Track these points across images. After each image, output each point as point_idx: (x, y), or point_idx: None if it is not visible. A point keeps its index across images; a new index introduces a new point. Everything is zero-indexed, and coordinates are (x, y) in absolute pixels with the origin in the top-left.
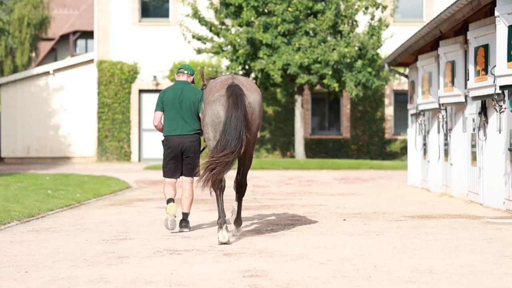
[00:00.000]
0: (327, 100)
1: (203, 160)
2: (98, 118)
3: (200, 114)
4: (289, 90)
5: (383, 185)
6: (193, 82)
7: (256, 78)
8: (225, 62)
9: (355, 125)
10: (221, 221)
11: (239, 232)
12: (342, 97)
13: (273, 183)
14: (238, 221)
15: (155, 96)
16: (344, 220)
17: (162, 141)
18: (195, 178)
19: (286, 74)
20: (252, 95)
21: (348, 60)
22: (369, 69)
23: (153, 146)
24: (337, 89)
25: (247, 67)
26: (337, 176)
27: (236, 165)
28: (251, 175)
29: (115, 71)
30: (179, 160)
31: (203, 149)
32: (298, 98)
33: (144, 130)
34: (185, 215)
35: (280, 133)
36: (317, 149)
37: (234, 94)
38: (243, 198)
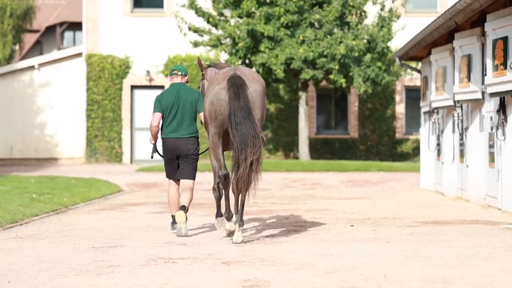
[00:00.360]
0: (334, 97)
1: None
2: (87, 116)
3: (200, 114)
4: (292, 86)
5: (393, 188)
6: (187, 82)
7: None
8: (223, 56)
9: (363, 124)
10: (229, 215)
11: (240, 239)
12: (349, 93)
13: (275, 186)
14: (240, 221)
15: (148, 92)
16: (352, 226)
17: (156, 142)
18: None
19: (289, 69)
20: (254, 85)
21: (356, 54)
22: (379, 64)
23: (146, 147)
24: (344, 85)
25: (247, 61)
26: (344, 178)
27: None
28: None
29: (105, 65)
30: (175, 162)
31: (203, 152)
32: (302, 95)
33: (136, 129)
34: (183, 208)
35: (282, 132)
36: (323, 150)
37: (235, 84)
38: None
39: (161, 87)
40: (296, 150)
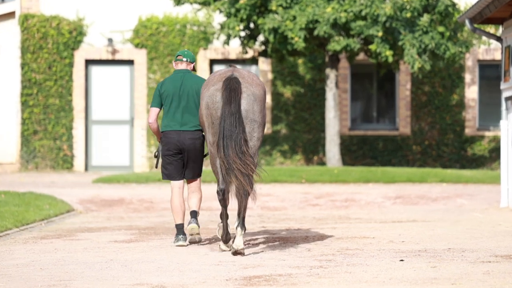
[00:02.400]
0: (376, 77)
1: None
2: (23, 104)
3: None
4: (316, 62)
5: (462, 207)
6: (194, 70)
7: (266, 42)
8: (218, 18)
9: (418, 115)
10: (226, 238)
11: (241, 246)
12: (398, 71)
13: (292, 204)
14: (242, 227)
15: (111, 70)
16: (402, 260)
17: (161, 138)
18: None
19: (313, 37)
20: (253, 88)
21: (408, 15)
22: (441, 28)
23: (108, 147)
24: (390, 59)
25: (252, 25)
26: (390, 193)
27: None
28: (258, 191)
29: (48, 31)
30: (179, 159)
31: (206, 154)
32: (331, 74)
33: (94, 122)
34: (194, 213)
35: (302, 127)
36: (360, 152)
37: (229, 88)
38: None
39: (129, 62)
40: (322, 153)
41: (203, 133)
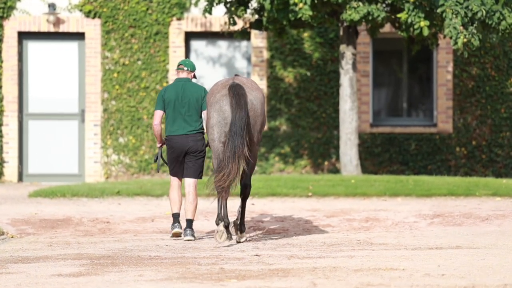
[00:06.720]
0: (406, 56)
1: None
2: None
3: (203, 113)
4: (328, 36)
5: None
6: (194, 77)
7: (260, 10)
8: None
9: (463, 107)
10: (224, 223)
11: (243, 239)
12: (436, 49)
13: (295, 224)
14: (241, 227)
15: (54, 47)
16: None
17: (165, 139)
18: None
19: (322, 3)
20: (254, 93)
21: None
22: None
23: (50, 149)
24: (426, 32)
25: None
26: (426, 210)
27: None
28: (251, 208)
29: None
30: (182, 162)
31: (206, 145)
32: (347, 52)
33: (30, 116)
34: (190, 222)
35: (309, 122)
36: (386, 155)
37: (237, 94)
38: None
39: (78, 35)
40: (336, 157)
41: (204, 135)
